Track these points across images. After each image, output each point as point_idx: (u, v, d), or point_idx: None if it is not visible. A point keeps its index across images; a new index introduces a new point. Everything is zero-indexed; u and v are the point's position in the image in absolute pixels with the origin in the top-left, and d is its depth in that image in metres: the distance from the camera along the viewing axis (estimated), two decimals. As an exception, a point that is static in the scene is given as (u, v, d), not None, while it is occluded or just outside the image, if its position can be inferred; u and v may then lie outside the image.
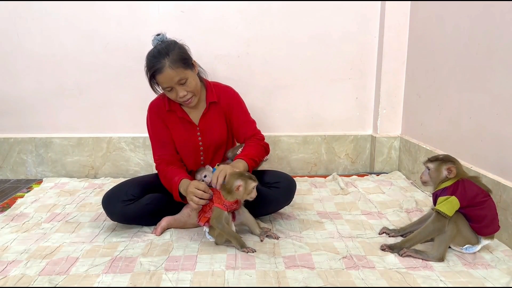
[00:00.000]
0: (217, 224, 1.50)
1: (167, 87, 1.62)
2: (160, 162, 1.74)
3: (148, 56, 1.63)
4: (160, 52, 1.59)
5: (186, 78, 1.62)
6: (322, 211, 1.91)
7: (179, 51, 1.63)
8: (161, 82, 1.61)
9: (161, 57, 1.58)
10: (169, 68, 1.57)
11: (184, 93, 1.63)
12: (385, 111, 2.51)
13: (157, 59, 1.58)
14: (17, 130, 2.50)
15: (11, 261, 1.45)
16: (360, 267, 1.39)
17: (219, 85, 1.83)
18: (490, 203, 1.43)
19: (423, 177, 1.51)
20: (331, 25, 2.43)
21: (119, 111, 2.49)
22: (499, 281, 1.30)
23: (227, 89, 1.83)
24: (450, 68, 1.98)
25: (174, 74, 1.58)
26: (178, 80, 1.60)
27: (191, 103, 1.69)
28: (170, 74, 1.58)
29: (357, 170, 2.62)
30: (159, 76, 1.59)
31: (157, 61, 1.58)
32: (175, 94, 1.64)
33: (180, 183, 1.62)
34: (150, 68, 1.61)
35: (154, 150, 1.78)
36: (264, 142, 1.82)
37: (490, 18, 1.67)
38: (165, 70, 1.57)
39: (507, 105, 1.58)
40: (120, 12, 2.35)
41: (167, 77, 1.58)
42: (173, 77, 1.59)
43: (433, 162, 1.48)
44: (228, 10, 2.37)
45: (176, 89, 1.62)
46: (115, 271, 1.38)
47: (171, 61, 1.58)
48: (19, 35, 2.36)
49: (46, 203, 2.02)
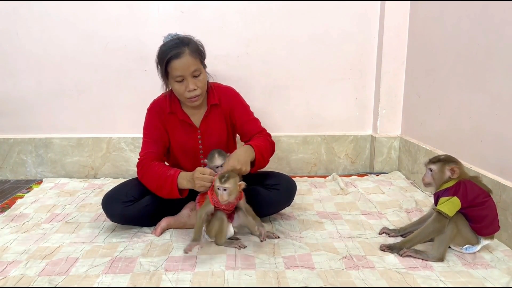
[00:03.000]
0: (199, 211, 1.50)
1: (179, 76, 1.59)
2: (145, 158, 1.69)
3: (165, 45, 1.61)
4: (181, 41, 1.60)
5: (201, 71, 1.62)
6: (322, 211, 1.91)
7: (198, 44, 1.65)
8: (176, 68, 1.57)
9: (182, 45, 1.58)
10: (189, 55, 1.57)
11: (194, 87, 1.61)
12: (384, 111, 2.51)
13: (177, 46, 1.58)
14: (17, 131, 2.50)
15: (11, 261, 1.45)
16: (360, 267, 1.39)
17: (220, 86, 1.82)
18: (490, 204, 1.43)
19: (426, 179, 1.50)
20: (330, 25, 2.43)
21: (119, 111, 2.48)
22: (499, 281, 1.30)
23: (228, 90, 1.82)
24: (450, 68, 1.98)
25: (192, 62, 1.58)
26: (194, 71, 1.59)
27: (196, 101, 1.66)
28: (188, 61, 1.57)
29: (357, 170, 2.62)
30: (176, 61, 1.56)
31: (177, 48, 1.57)
32: (184, 87, 1.61)
33: (180, 175, 1.59)
34: (167, 54, 1.57)
35: (143, 146, 1.74)
36: (271, 140, 1.80)
37: (490, 18, 1.67)
38: (184, 56, 1.57)
39: (507, 105, 1.58)
40: (120, 13, 2.35)
41: (185, 63, 1.57)
42: (190, 65, 1.58)
43: (436, 163, 1.47)
44: (227, 10, 2.37)
45: (188, 81, 1.60)
46: (115, 272, 1.38)
47: (191, 49, 1.59)
48: (19, 35, 2.36)
49: (46, 204, 2.02)
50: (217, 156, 1.60)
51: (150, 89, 2.34)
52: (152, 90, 1.86)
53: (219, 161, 1.59)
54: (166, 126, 1.75)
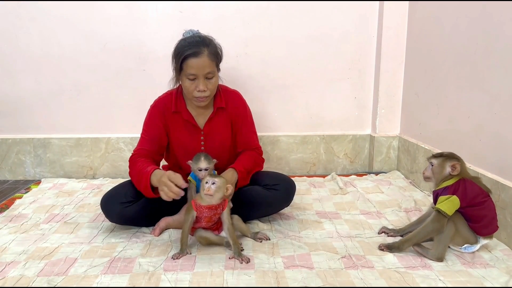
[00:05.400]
0: (184, 225, 1.48)
1: (193, 74, 1.59)
2: (136, 153, 1.70)
3: (185, 41, 1.62)
4: (202, 40, 1.61)
5: (214, 74, 1.63)
6: (321, 211, 1.91)
7: (217, 48, 1.66)
8: (191, 66, 1.58)
9: (202, 45, 1.59)
10: (207, 56, 1.59)
11: (205, 88, 1.61)
12: (383, 110, 2.51)
13: (197, 44, 1.59)
14: (15, 131, 2.49)
15: (9, 262, 1.44)
16: (359, 266, 1.39)
17: (228, 90, 1.81)
18: (489, 204, 1.43)
19: (426, 173, 1.50)
20: (329, 25, 2.43)
21: (118, 111, 2.48)
22: (498, 280, 1.30)
23: (235, 95, 1.81)
24: (448, 67, 1.99)
25: (208, 64, 1.59)
26: (207, 73, 1.60)
27: (203, 102, 1.66)
28: (205, 62, 1.58)
29: (356, 169, 2.62)
30: (193, 59, 1.57)
31: (197, 46, 1.58)
32: (195, 86, 1.61)
33: (153, 173, 1.54)
34: (185, 50, 1.58)
35: (139, 142, 1.74)
36: (261, 159, 1.84)
37: (488, 17, 1.68)
38: (202, 56, 1.58)
39: (506, 105, 1.58)
40: (119, 12, 2.34)
41: (201, 63, 1.58)
42: (206, 67, 1.59)
43: (437, 158, 1.48)
44: (226, 10, 2.37)
45: (200, 81, 1.60)
46: (114, 272, 1.37)
47: (210, 51, 1.60)
48: (17, 36, 2.35)
49: (45, 204, 2.02)
50: (203, 159, 1.56)
51: (149, 88, 2.36)
52: (151, 90, 1.86)
53: (204, 164, 1.55)
54: (169, 125, 1.74)
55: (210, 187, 1.42)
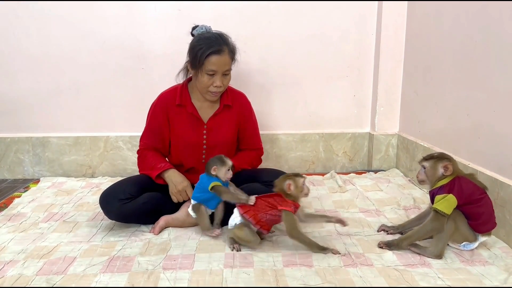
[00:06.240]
0: (297, 234, 1.46)
1: (212, 70, 1.64)
2: (145, 147, 1.80)
3: (205, 37, 1.66)
4: (221, 37, 1.67)
5: (230, 71, 1.70)
6: (320, 209, 1.91)
7: (234, 46, 1.72)
8: (213, 63, 1.63)
9: (223, 43, 1.66)
10: (228, 54, 1.65)
11: (221, 84, 1.67)
12: (382, 108, 2.51)
13: (219, 42, 1.65)
14: (14, 130, 2.49)
15: (8, 261, 1.44)
16: (358, 264, 1.39)
17: (234, 90, 1.86)
18: (486, 201, 1.43)
19: (420, 176, 1.51)
20: (328, 24, 2.43)
21: (116, 110, 2.48)
22: (497, 278, 1.30)
23: (241, 96, 1.86)
24: (447, 65, 1.99)
25: (228, 61, 1.66)
26: (226, 70, 1.67)
27: (215, 97, 1.73)
28: (226, 60, 1.65)
29: (355, 167, 2.62)
30: (215, 56, 1.62)
31: (219, 44, 1.64)
32: (212, 81, 1.66)
33: (170, 170, 1.71)
34: (210, 46, 1.62)
35: (143, 136, 1.81)
36: (260, 159, 1.93)
37: (487, 16, 1.67)
38: (224, 54, 1.64)
39: (504, 102, 1.58)
40: (117, 11, 2.34)
41: (222, 61, 1.64)
42: (225, 64, 1.65)
43: (429, 161, 1.48)
44: (225, 8, 2.36)
45: (217, 77, 1.66)
46: (112, 271, 1.37)
47: (230, 49, 1.67)
48: (15, 35, 2.35)
49: (44, 203, 2.02)
50: (226, 158, 1.60)
51: (148, 87, 2.36)
52: (150, 88, 1.86)
53: (230, 162, 1.60)
54: (171, 118, 1.76)
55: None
